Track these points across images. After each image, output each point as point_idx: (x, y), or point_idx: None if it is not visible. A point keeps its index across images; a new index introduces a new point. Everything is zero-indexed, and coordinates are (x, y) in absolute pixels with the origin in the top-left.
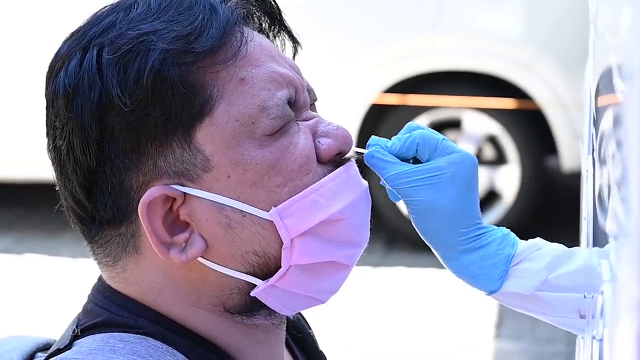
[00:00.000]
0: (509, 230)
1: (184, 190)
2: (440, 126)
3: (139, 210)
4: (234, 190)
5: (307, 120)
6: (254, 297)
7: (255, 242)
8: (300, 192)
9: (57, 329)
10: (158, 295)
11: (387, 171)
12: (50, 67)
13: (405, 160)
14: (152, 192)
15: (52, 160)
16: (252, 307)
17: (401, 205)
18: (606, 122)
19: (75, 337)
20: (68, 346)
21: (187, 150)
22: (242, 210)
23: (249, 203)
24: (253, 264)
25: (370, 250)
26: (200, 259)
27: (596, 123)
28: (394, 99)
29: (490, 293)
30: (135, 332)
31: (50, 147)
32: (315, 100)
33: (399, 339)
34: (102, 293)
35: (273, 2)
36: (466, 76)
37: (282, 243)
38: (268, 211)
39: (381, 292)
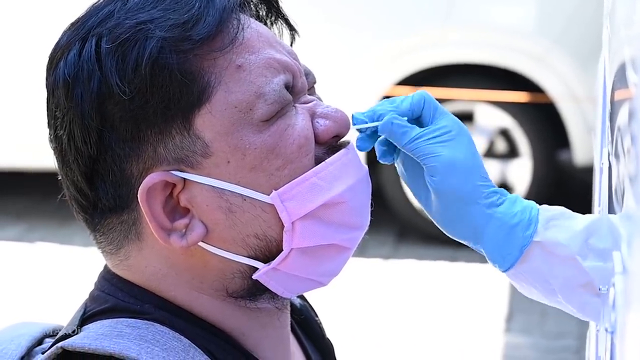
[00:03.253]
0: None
1: (183, 176)
2: None
3: (138, 196)
4: (233, 175)
5: (305, 103)
6: (256, 280)
7: (256, 226)
8: (300, 174)
9: (67, 316)
10: (161, 282)
11: (408, 135)
12: (50, 58)
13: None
14: (152, 178)
15: (53, 150)
16: (254, 291)
17: (412, 197)
18: (622, 116)
19: (82, 323)
20: (76, 331)
21: (186, 137)
22: (242, 195)
23: (249, 187)
24: (254, 248)
25: (381, 242)
26: (201, 243)
27: (612, 117)
28: (406, 92)
29: (524, 247)
30: (142, 317)
31: (51, 137)
32: (315, 82)
33: (409, 331)
34: (109, 280)
35: None
36: (479, 69)
37: (283, 226)
38: (269, 195)
39: (392, 284)
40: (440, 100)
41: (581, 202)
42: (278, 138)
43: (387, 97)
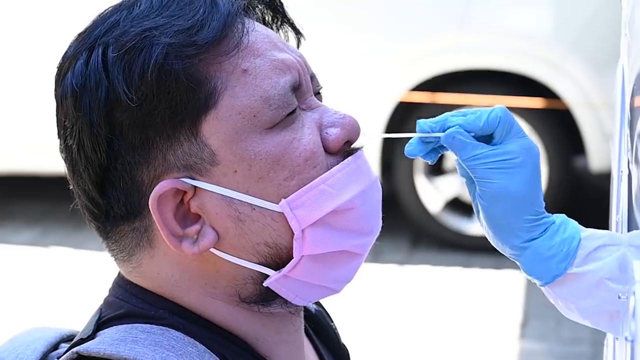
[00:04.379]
0: (565, 216)
1: (193, 184)
2: None
3: (149, 203)
4: (242, 184)
5: (311, 109)
6: (268, 287)
7: (266, 234)
8: (308, 183)
9: (82, 321)
10: (174, 288)
11: (467, 152)
12: (58, 68)
13: (477, 137)
14: (163, 186)
15: (64, 160)
16: (266, 297)
17: (426, 203)
18: None
19: (98, 328)
20: (91, 336)
21: (194, 143)
22: (251, 204)
23: (258, 196)
24: (265, 255)
25: (395, 248)
26: (212, 250)
27: (632, 124)
28: (421, 97)
29: (557, 276)
30: (157, 323)
31: (61, 147)
32: (320, 88)
33: (424, 337)
34: (123, 286)
35: None
36: (494, 75)
37: (293, 234)
38: (278, 203)
39: (406, 290)
40: (456, 106)
41: (596, 209)
42: (283, 150)
43: (403, 102)
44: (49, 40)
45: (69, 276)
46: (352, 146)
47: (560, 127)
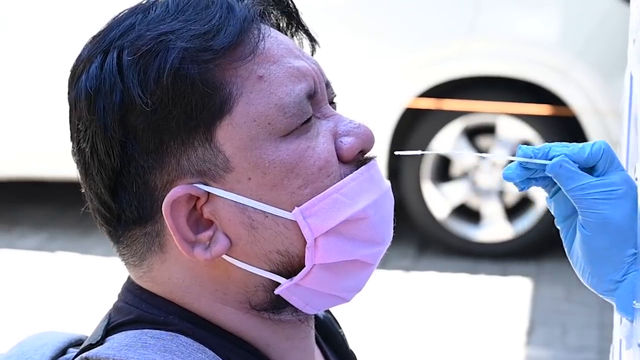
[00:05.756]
0: None
1: (207, 190)
2: (475, 131)
3: (163, 209)
4: (255, 192)
5: (326, 117)
6: (278, 294)
7: (278, 242)
8: (322, 192)
9: (89, 326)
10: (185, 293)
11: (574, 182)
12: (72, 71)
13: (581, 169)
14: (176, 191)
15: (76, 163)
16: (277, 305)
17: (433, 209)
18: None
19: (107, 333)
20: (100, 342)
21: (208, 149)
22: (264, 211)
23: (271, 204)
24: (277, 263)
25: (401, 254)
26: (224, 256)
27: None
28: (428, 104)
29: None
30: (167, 329)
31: (74, 150)
32: (334, 96)
33: (429, 343)
34: (132, 292)
35: (290, 2)
36: (501, 81)
37: (306, 242)
38: (291, 211)
39: (412, 296)
40: (463, 113)
41: None
42: (298, 158)
43: (410, 109)
44: (52, 46)
45: (75, 281)
46: (365, 155)
47: (566, 134)
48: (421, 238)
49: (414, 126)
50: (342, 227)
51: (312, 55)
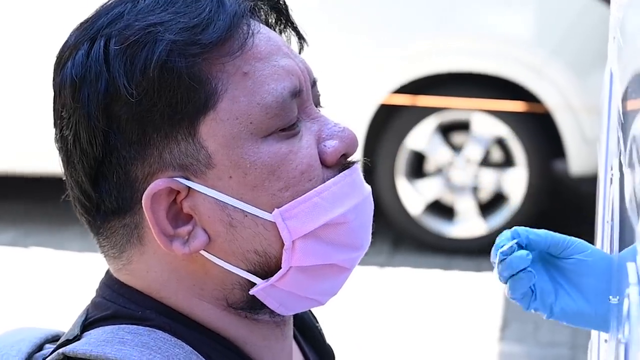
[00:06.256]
0: None
1: (188, 185)
2: (449, 128)
3: (143, 201)
4: (236, 190)
5: (311, 118)
6: (254, 295)
7: (256, 242)
8: (303, 195)
9: (63, 322)
10: (163, 287)
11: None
12: (57, 57)
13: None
14: (157, 185)
15: (59, 150)
16: (253, 305)
17: (407, 205)
18: (638, 125)
19: (84, 329)
20: (77, 337)
21: (191, 144)
22: (244, 210)
23: (251, 204)
24: (254, 263)
25: (376, 250)
26: (202, 252)
27: (624, 127)
28: (403, 100)
29: None
30: (144, 324)
31: (57, 137)
32: (319, 96)
33: (404, 339)
34: (110, 287)
35: None
36: (476, 78)
37: (284, 244)
38: (270, 212)
39: (387, 292)
40: (437, 109)
41: (575, 212)
42: (280, 161)
43: (385, 105)
44: (32, 40)
45: (50, 277)
46: (348, 159)
47: (540, 130)
48: (395, 234)
49: (388, 122)
50: (321, 231)
51: (300, 53)
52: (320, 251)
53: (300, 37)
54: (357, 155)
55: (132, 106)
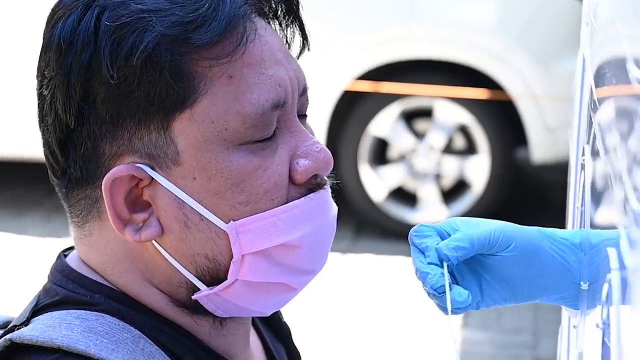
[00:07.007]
0: None
1: (151, 175)
2: (412, 115)
3: (103, 184)
4: (197, 192)
5: (290, 131)
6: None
7: (207, 247)
8: (262, 212)
9: (22, 308)
10: (117, 266)
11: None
12: (52, 12)
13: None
14: (119, 170)
15: (37, 104)
16: (195, 307)
17: (370, 192)
18: (605, 113)
19: (34, 315)
20: (25, 323)
21: (162, 136)
22: (201, 214)
23: (209, 209)
24: (202, 267)
25: (339, 236)
26: (154, 242)
27: (590, 115)
28: (367, 87)
29: None
30: (92, 309)
31: (37, 91)
32: (308, 104)
33: (366, 325)
34: (61, 272)
35: None
36: (439, 65)
37: (233, 256)
38: (226, 223)
39: (349, 278)
40: (400, 96)
41: (537, 199)
42: (246, 175)
43: (348, 92)
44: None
45: (10, 263)
46: (318, 180)
47: (503, 118)
48: (358, 220)
49: (352, 109)
50: (273, 251)
51: (302, 53)
52: (269, 270)
53: (305, 37)
54: (328, 172)
55: (111, 87)
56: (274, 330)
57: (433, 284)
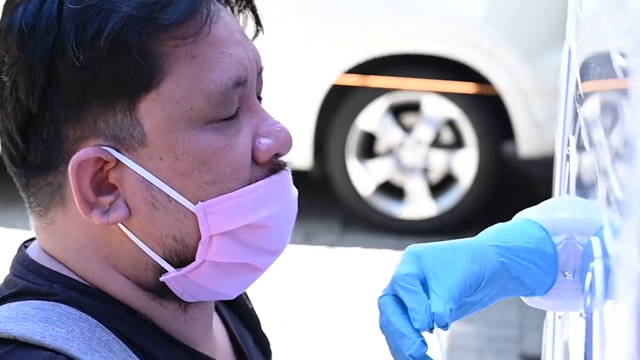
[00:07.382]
0: None
1: (117, 157)
2: (400, 109)
3: (69, 167)
4: (164, 173)
5: (251, 111)
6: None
7: (175, 229)
8: (229, 192)
9: None
10: (79, 252)
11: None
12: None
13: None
14: (86, 152)
15: None
16: (162, 290)
17: (358, 186)
18: (590, 107)
19: None
20: None
21: (128, 118)
22: (169, 195)
23: (177, 190)
24: (170, 249)
25: (326, 230)
26: (121, 225)
27: (575, 109)
28: (355, 80)
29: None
30: (49, 299)
31: None
32: (262, 86)
33: (353, 318)
34: (21, 263)
35: None
36: (427, 59)
37: (201, 237)
38: (194, 204)
39: (337, 272)
40: (388, 90)
41: (524, 194)
42: (213, 154)
43: (336, 85)
44: None
45: None
46: (279, 159)
47: (490, 112)
48: (346, 214)
49: (340, 102)
50: (240, 231)
51: (254, 38)
52: (236, 250)
53: (257, 22)
54: (289, 157)
55: (76, 70)
56: (239, 316)
57: (413, 353)
